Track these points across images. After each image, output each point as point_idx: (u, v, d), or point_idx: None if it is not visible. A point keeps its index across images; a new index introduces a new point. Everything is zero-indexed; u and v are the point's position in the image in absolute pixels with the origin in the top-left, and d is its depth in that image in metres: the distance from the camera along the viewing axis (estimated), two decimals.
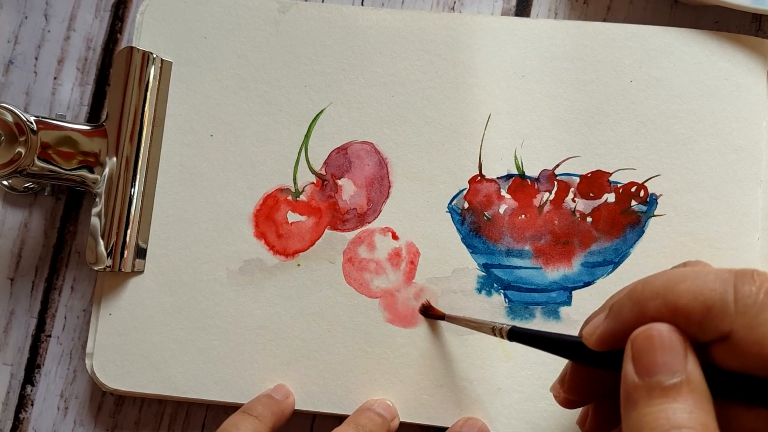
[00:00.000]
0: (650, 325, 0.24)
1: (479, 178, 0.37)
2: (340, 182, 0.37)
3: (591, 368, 0.28)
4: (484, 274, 0.36)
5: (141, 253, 0.37)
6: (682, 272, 0.24)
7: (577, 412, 0.34)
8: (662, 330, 0.24)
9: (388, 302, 0.36)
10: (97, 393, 0.38)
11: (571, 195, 0.36)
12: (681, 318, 0.23)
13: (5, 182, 0.39)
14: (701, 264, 0.29)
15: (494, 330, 0.31)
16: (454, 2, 0.40)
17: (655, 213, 0.36)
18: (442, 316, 0.35)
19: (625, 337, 0.25)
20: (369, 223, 0.37)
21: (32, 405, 0.38)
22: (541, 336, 0.29)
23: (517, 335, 0.30)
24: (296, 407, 0.35)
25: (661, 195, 0.36)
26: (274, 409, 0.34)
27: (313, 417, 0.37)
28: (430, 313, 0.35)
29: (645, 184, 0.36)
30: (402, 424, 0.35)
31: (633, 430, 0.23)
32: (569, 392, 0.30)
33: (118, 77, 0.37)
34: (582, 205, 0.36)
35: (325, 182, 0.37)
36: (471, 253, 0.36)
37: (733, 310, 0.22)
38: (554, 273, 0.36)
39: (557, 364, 0.35)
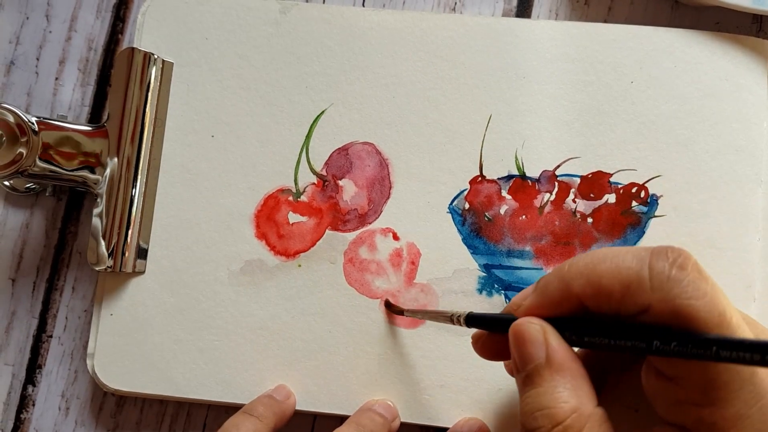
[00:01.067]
0: (515, 322, 0.26)
1: (480, 178, 0.37)
2: (341, 183, 0.37)
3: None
4: (484, 274, 0.36)
5: (142, 253, 0.37)
6: (603, 252, 0.26)
7: None
8: (521, 325, 0.26)
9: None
10: (98, 393, 0.38)
11: (571, 196, 0.36)
12: (603, 296, 0.25)
13: (7, 183, 0.39)
14: None
15: (452, 318, 0.31)
16: (455, 3, 0.40)
17: (656, 214, 0.36)
18: (401, 311, 0.35)
19: (550, 311, 0.26)
20: (370, 223, 0.37)
21: (33, 405, 0.38)
22: (497, 318, 0.29)
23: (474, 320, 0.30)
24: (297, 408, 0.35)
25: (661, 196, 0.36)
26: (275, 410, 0.34)
27: (314, 417, 0.37)
28: (392, 308, 0.35)
29: (646, 184, 0.36)
30: (403, 425, 0.35)
31: (520, 417, 0.26)
32: (480, 351, 0.30)
33: (120, 78, 0.37)
34: (583, 206, 0.36)
35: (326, 183, 0.37)
36: (472, 253, 0.36)
37: (649, 287, 0.24)
38: None
39: None
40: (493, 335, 0.29)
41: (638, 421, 0.28)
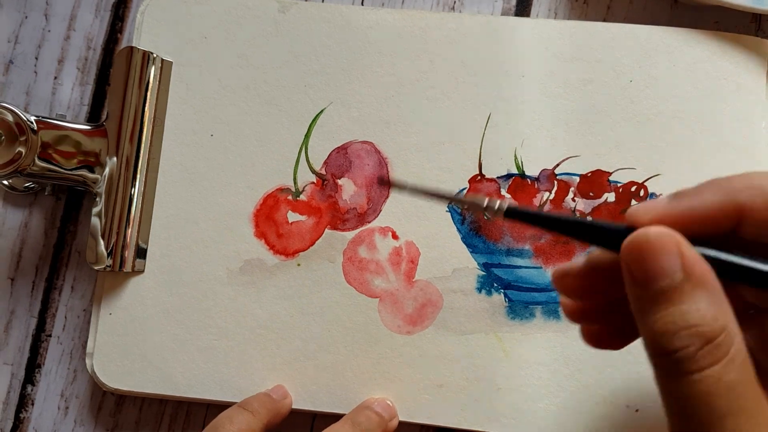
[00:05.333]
0: (636, 232, 0.23)
1: (479, 177, 0.37)
2: (340, 182, 0.37)
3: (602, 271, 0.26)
4: (484, 273, 0.36)
5: (141, 252, 0.37)
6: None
7: (578, 413, 0.34)
8: (649, 234, 0.22)
9: (389, 302, 0.36)
10: (97, 393, 0.38)
11: (571, 194, 0.36)
12: None
13: (5, 182, 0.39)
14: None
15: (487, 209, 0.25)
16: (454, 2, 0.40)
17: None
18: (404, 187, 0.30)
19: (688, 228, 0.23)
20: (369, 222, 0.37)
21: (33, 404, 0.38)
22: (598, 227, 0.25)
23: (515, 213, 0.25)
24: (296, 407, 0.35)
25: (661, 194, 0.36)
26: (270, 407, 0.34)
27: (313, 417, 0.37)
28: (385, 180, 0.33)
29: (645, 183, 0.36)
30: (401, 424, 0.35)
31: (648, 341, 0.22)
32: (570, 292, 0.27)
33: (119, 77, 0.37)
34: (582, 205, 0.36)
35: (325, 182, 0.37)
36: (471, 252, 0.36)
37: None
38: None
39: (558, 364, 0.35)
40: (589, 272, 0.25)
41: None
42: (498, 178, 0.36)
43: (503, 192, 0.36)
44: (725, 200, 0.23)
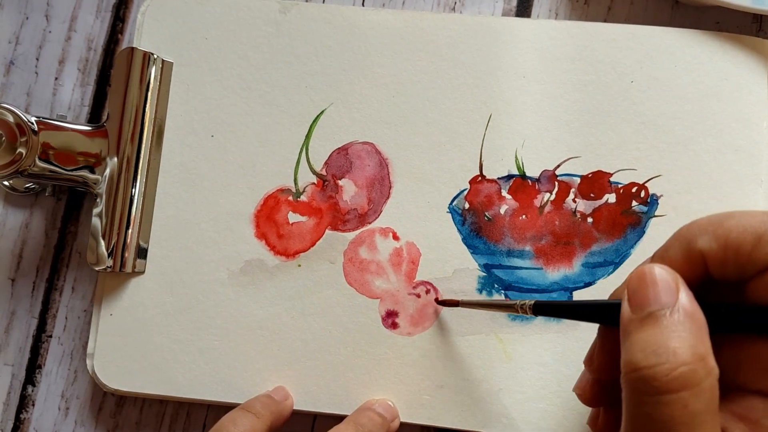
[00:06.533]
0: (641, 266, 0.25)
1: (480, 178, 0.37)
2: (340, 183, 0.37)
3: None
4: (484, 274, 0.36)
5: (142, 253, 0.37)
6: (728, 212, 0.25)
7: (579, 413, 0.34)
8: (653, 267, 0.24)
9: (389, 303, 0.36)
10: (98, 393, 0.38)
11: (571, 195, 0.36)
12: (731, 250, 0.24)
13: (6, 183, 0.39)
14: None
15: (517, 307, 0.31)
16: (455, 3, 0.40)
17: (656, 213, 0.36)
18: (457, 303, 0.35)
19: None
20: (370, 223, 0.37)
21: (33, 405, 0.38)
22: (571, 305, 0.29)
23: (542, 308, 0.30)
24: (297, 407, 0.35)
25: (661, 195, 0.36)
26: (273, 409, 0.34)
27: (314, 417, 0.37)
28: (445, 303, 0.35)
29: (646, 184, 0.36)
30: (402, 424, 0.35)
31: (625, 358, 0.23)
32: (598, 372, 0.29)
33: (119, 78, 0.37)
34: (583, 206, 0.36)
35: (326, 183, 0.37)
36: (472, 253, 0.36)
37: None
38: (555, 273, 0.36)
39: (559, 365, 0.35)
40: (606, 347, 0.28)
41: None
42: (499, 178, 0.36)
43: (504, 193, 0.36)
44: (688, 250, 0.25)
